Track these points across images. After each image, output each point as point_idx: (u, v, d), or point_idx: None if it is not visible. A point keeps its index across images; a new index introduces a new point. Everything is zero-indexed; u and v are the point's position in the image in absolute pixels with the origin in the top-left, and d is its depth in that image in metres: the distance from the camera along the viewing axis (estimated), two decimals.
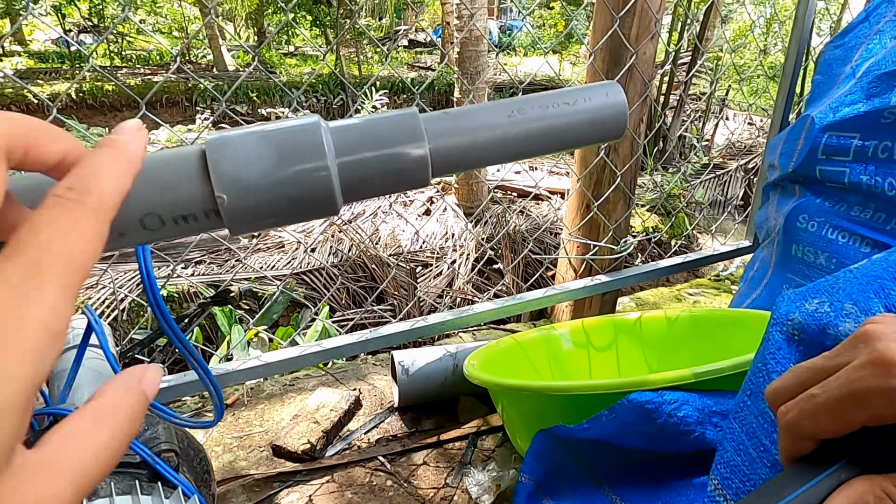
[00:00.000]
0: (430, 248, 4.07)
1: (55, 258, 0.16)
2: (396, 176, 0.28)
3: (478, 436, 1.06)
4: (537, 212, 4.47)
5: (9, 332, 0.14)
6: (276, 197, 0.26)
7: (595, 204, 1.20)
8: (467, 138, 0.29)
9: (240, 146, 0.25)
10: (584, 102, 0.30)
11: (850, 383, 0.28)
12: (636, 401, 0.67)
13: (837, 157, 1.02)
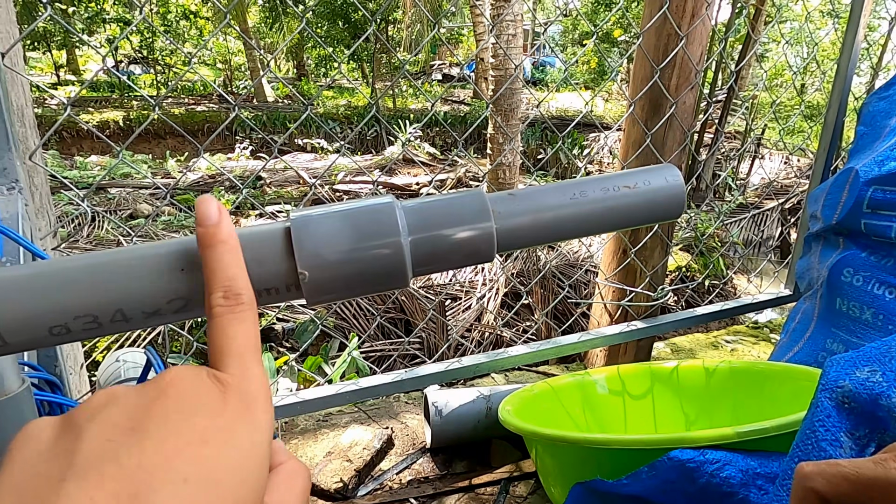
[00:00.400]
0: (459, 281, 4.08)
1: (253, 347, 0.23)
2: (464, 252, 0.29)
3: (510, 481, 1.05)
4: (567, 247, 4.46)
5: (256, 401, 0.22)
6: (353, 272, 0.28)
7: (632, 250, 1.20)
8: (531, 218, 0.30)
9: (322, 224, 0.27)
10: (644, 185, 0.31)
11: (878, 468, 0.29)
12: (677, 458, 0.67)
13: (883, 210, 1.00)
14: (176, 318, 0.27)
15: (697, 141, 6.69)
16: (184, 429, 0.19)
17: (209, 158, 6.99)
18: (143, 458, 0.18)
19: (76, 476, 0.17)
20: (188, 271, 0.26)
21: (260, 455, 0.20)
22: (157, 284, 0.26)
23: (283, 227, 0.27)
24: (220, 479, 0.18)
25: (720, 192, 6.92)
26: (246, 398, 0.21)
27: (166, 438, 0.18)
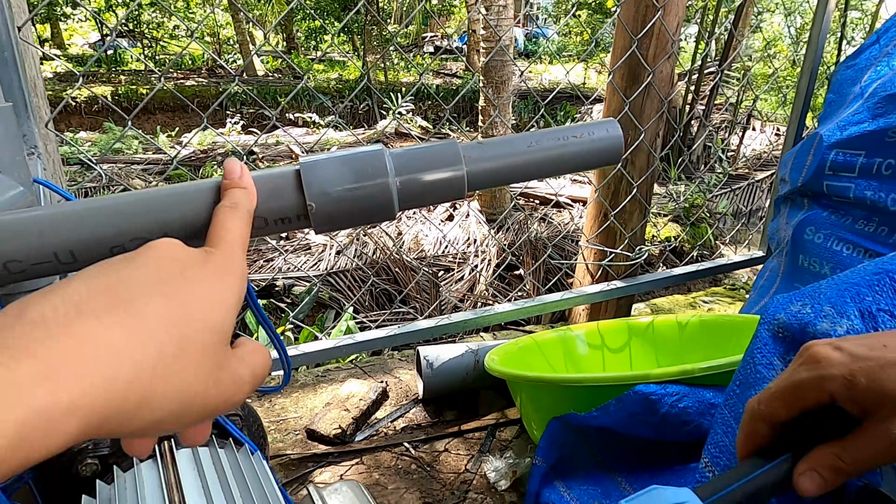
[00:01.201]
0: (452, 252, 4.15)
1: (239, 238, 0.29)
2: (440, 191, 0.36)
3: (496, 427, 1.13)
4: (559, 219, 4.53)
5: (233, 274, 0.27)
6: (351, 205, 0.34)
7: (612, 213, 1.27)
8: (496, 163, 0.37)
9: (326, 166, 0.34)
10: (589, 136, 0.38)
11: (791, 376, 0.36)
12: (641, 392, 0.74)
13: (844, 173, 1.07)
14: None
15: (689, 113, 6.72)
16: (165, 265, 0.24)
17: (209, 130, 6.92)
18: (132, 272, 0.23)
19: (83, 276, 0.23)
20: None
21: (226, 307, 0.25)
22: (196, 212, 0.32)
23: (294, 169, 0.34)
24: (191, 309, 0.23)
25: (710, 164, 6.97)
26: (224, 266, 0.26)
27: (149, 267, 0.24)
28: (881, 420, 0.33)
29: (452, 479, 1.01)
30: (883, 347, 0.35)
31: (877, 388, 0.33)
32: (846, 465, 0.34)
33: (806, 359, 0.37)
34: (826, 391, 0.35)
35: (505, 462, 1.03)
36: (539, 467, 0.82)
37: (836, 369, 0.34)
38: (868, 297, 0.56)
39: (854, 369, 0.34)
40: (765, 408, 0.38)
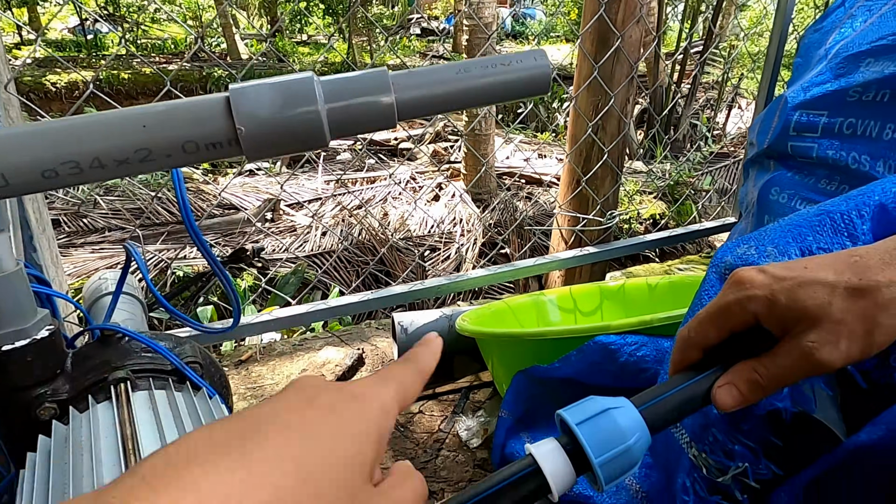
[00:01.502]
0: (438, 232, 4.16)
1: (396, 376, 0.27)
2: (372, 118, 0.37)
3: (470, 390, 1.15)
4: (545, 198, 4.55)
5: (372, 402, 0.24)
6: (281, 131, 0.35)
7: (584, 179, 1.28)
8: (424, 90, 0.37)
9: (255, 92, 0.35)
10: (517, 64, 0.38)
11: (719, 300, 0.38)
12: (601, 342, 0.76)
13: (807, 133, 1.09)
14: (142, 168, 0.35)
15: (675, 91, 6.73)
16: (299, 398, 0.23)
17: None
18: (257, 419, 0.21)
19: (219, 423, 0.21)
20: (149, 128, 0.33)
21: (361, 439, 0.22)
22: (125, 137, 0.33)
23: (224, 95, 0.35)
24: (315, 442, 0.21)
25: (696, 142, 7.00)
26: (364, 394, 0.24)
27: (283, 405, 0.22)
28: (798, 335, 0.35)
29: (426, 439, 1.03)
30: (803, 269, 0.36)
31: (794, 306, 0.35)
32: (763, 379, 0.36)
33: (732, 282, 0.39)
34: (750, 312, 0.37)
35: (477, 421, 1.05)
36: (505, 420, 0.84)
37: (758, 290, 0.36)
38: (809, 237, 0.57)
39: (775, 289, 0.36)
40: (695, 334, 0.39)
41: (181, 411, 0.49)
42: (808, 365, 0.35)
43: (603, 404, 0.36)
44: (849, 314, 0.34)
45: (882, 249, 0.36)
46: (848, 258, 0.36)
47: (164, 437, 0.44)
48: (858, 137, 1.02)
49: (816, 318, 0.34)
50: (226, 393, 0.62)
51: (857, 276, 0.35)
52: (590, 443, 0.33)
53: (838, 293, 0.34)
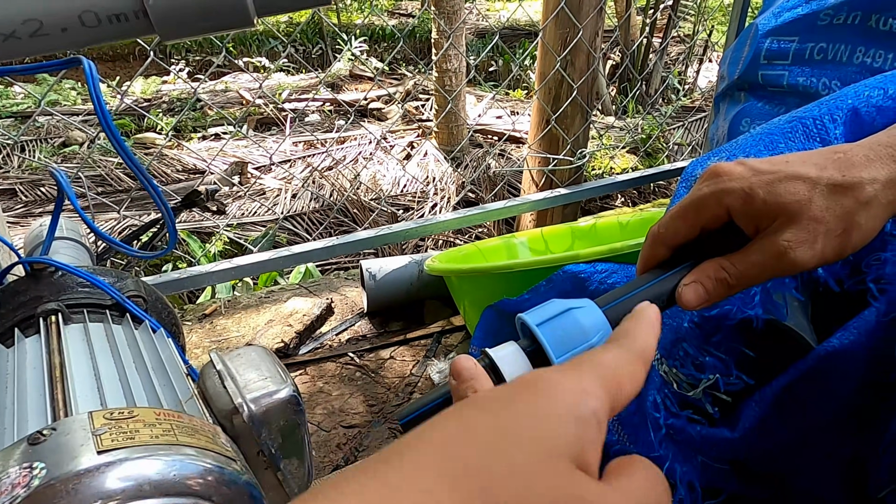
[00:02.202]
0: (411, 191, 4.10)
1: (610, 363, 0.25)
2: None
3: (442, 334, 1.13)
4: (518, 154, 4.50)
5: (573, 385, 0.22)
6: (198, 2, 0.31)
7: (553, 118, 1.25)
8: None
9: None
10: None
11: (692, 193, 0.36)
12: (571, 271, 0.74)
13: (778, 61, 1.06)
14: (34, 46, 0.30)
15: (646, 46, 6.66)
16: None
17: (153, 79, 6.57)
18: None
19: None
20: None
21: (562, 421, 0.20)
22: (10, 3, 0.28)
23: None
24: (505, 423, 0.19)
25: (668, 97, 6.98)
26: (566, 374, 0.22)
27: None
28: (772, 232, 0.33)
29: (397, 383, 1.02)
30: (785, 163, 0.34)
31: (772, 200, 0.33)
32: (731, 277, 0.34)
33: (708, 174, 0.36)
34: (724, 205, 0.34)
35: (449, 363, 1.04)
36: (475, 355, 0.82)
37: (735, 182, 0.34)
38: (781, 144, 0.55)
39: (753, 182, 0.33)
40: (664, 229, 0.37)
41: (118, 342, 0.45)
42: (781, 264, 0.33)
43: (564, 305, 0.33)
44: (828, 212, 0.32)
45: (867, 146, 0.34)
46: (832, 154, 0.34)
47: (98, 368, 0.41)
48: (829, 62, 1.00)
49: (795, 214, 0.32)
50: (175, 331, 0.58)
51: (841, 171, 0.33)
52: (550, 342, 0.31)
53: (819, 189, 0.33)
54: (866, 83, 0.58)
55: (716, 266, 0.34)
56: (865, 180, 0.32)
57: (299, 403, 0.44)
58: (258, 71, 7.68)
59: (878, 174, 0.33)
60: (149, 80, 7.07)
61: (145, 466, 0.31)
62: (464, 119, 4.52)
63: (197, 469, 0.32)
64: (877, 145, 0.34)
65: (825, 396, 0.49)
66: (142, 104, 5.67)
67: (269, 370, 0.44)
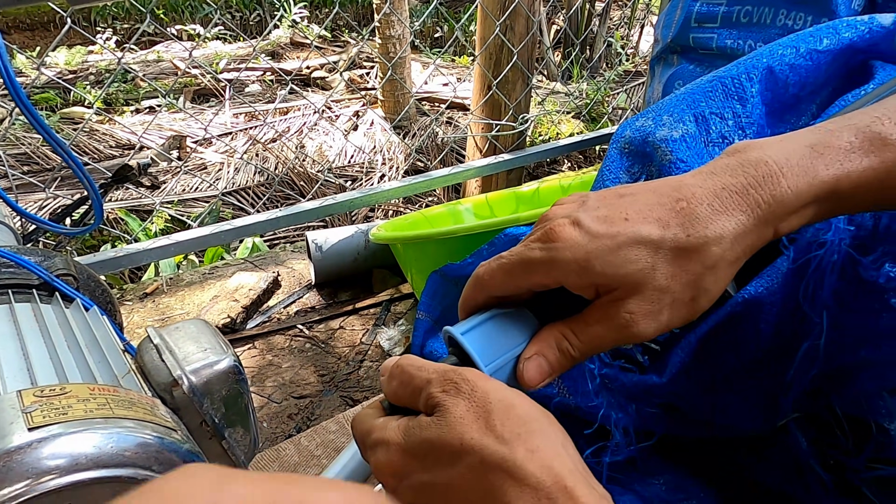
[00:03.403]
0: (359, 162, 4.04)
1: None
2: None
3: (391, 302, 1.14)
4: (465, 122, 4.49)
5: None
6: None
7: (494, 83, 1.25)
8: None
9: None
10: None
11: (522, 252, 0.32)
12: (511, 234, 0.76)
13: (707, 24, 1.10)
14: None
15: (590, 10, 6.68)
16: None
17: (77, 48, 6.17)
18: None
19: None
20: None
21: None
22: None
23: None
24: None
25: (612, 61, 7.06)
26: None
27: None
28: (614, 302, 0.31)
29: (348, 352, 1.02)
30: (624, 221, 0.31)
31: (611, 272, 0.30)
32: (573, 348, 0.32)
33: (542, 235, 0.32)
34: (553, 277, 0.32)
35: (398, 330, 1.05)
36: (423, 321, 0.84)
37: (569, 252, 0.30)
38: (702, 103, 0.58)
39: (589, 251, 0.30)
40: (489, 279, 0.34)
41: (48, 321, 0.44)
42: (624, 337, 0.31)
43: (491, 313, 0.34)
44: (674, 280, 0.30)
45: (711, 191, 0.30)
46: (675, 203, 0.30)
47: (27, 348, 0.40)
48: (754, 25, 1.04)
49: (637, 284, 0.30)
50: (111, 309, 0.57)
51: (685, 230, 0.30)
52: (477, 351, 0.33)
53: (663, 254, 0.30)
54: (780, 42, 0.61)
55: (557, 336, 0.32)
56: (711, 239, 0.29)
57: (240, 373, 0.44)
58: (192, 39, 7.32)
59: (724, 230, 0.30)
60: (73, 49, 6.64)
61: (80, 441, 0.31)
62: (409, 87, 4.46)
63: (135, 440, 0.32)
64: (722, 191, 0.30)
65: (742, 341, 0.53)
66: (66, 76, 5.33)
67: (208, 342, 0.44)
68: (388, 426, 0.31)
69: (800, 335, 0.52)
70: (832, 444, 0.52)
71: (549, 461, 0.27)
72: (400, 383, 0.32)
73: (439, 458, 0.28)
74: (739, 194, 0.30)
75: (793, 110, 0.62)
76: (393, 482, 0.30)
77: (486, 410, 0.28)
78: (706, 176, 0.31)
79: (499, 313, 0.34)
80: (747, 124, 0.56)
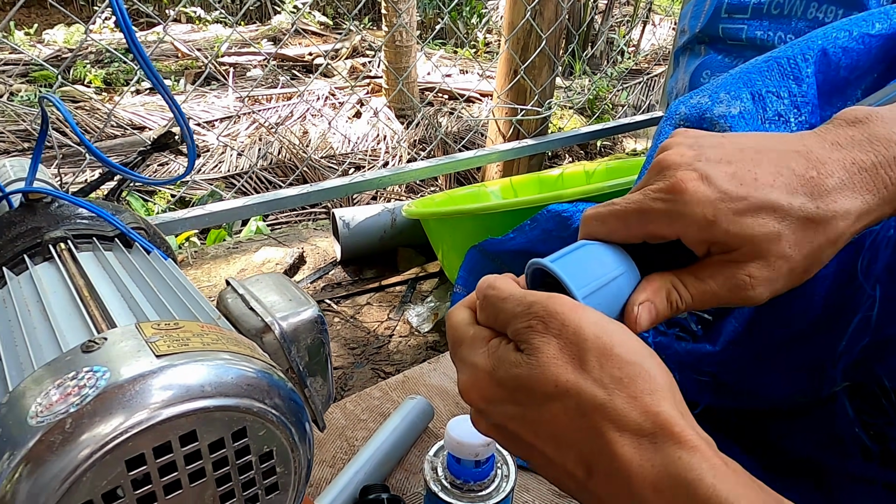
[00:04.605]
0: (362, 150, 4.04)
1: None
2: None
3: (416, 280, 1.16)
4: (469, 113, 4.49)
5: None
6: None
7: (522, 68, 1.26)
8: None
9: None
10: None
11: (642, 201, 0.31)
12: (554, 210, 0.77)
13: (737, 14, 1.12)
14: None
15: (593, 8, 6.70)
16: None
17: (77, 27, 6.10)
18: None
19: None
20: None
21: None
22: None
23: None
24: None
25: (613, 58, 7.08)
26: None
27: None
28: (733, 262, 0.30)
29: (376, 327, 1.04)
30: (754, 181, 0.30)
31: (739, 232, 0.29)
32: (681, 299, 0.32)
33: (667, 186, 0.31)
34: (675, 230, 0.31)
35: (427, 307, 1.06)
36: (459, 294, 0.85)
37: (697, 208, 0.29)
38: (759, 82, 0.59)
39: (719, 209, 0.29)
40: (598, 223, 0.33)
41: (139, 267, 0.45)
42: (737, 298, 0.31)
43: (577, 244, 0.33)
44: (797, 249, 0.29)
45: (840, 164, 0.30)
46: (805, 170, 0.30)
47: (126, 289, 0.41)
48: (785, 17, 1.06)
49: (761, 250, 0.29)
50: (175, 259, 0.58)
51: (814, 201, 0.29)
52: (569, 276, 0.30)
53: (789, 222, 0.29)
54: (833, 25, 0.63)
55: (668, 286, 0.32)
56: (839, 214, 0.29)
57: (323, 323, 0.45)
58: (192, 22, 7.25)
59: (851, 206, 0.29)
60: (71, 28, 6.56)
61: (204, 369, 0.32)
62: (414, 77, 4.46)
63: (250, 374, 0.34)
64: (852, 166, 0.30)
65: (795, 312, 0.55)
66: (65, 55, 5.27)
67: (290, 293, 0.45)
68: (477, 348, 0.30)
69: (848, 307, 0.54)
70: (875, 414, 0.54)
71: (653, 407, 0.26)
72: (486, 315, 0.31)
73: (531, 396, 0.28)
74: (869, 172, 0.29)
75: (840, 94, 0.63)
76: (479, 404, 0.30)
77: (580, 349, 0.27)
78: (832, 145, 0.30)
79: (588, 244, 0.32)
80: (802, 103, 0.58)
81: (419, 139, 4.15)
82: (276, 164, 3.75)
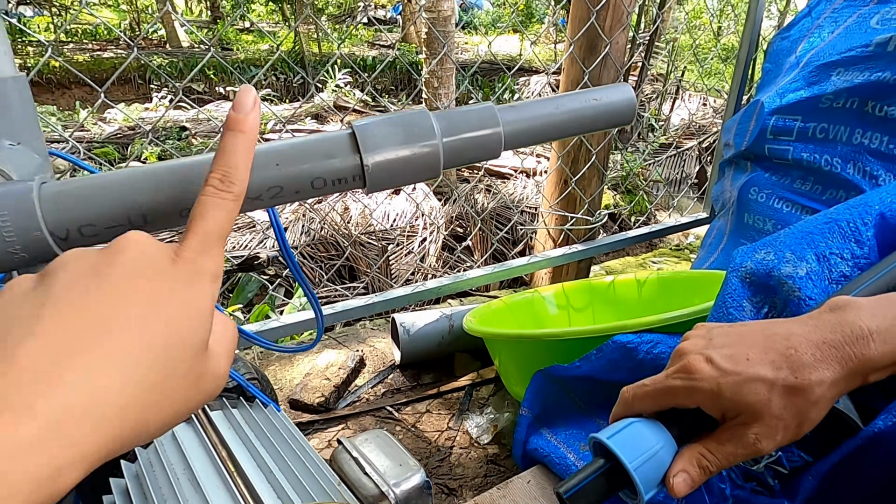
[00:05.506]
0: (401, 226, 4.16)
1: (217, 231, 0.26)
2: (481, 149, 0.39)
3: (473, 387, 1.19)
4: (504, 190, 4.61)
5: (202, 277, 0.25)
6: (403, 164, 0.37)
7: (573, 180, 1.33)
8: (527, 124, 0.40)
9: (379, 128, 0.36)
10: (606, 98, 0.41)
11: (666, 382, 0.41)
12: (619, 341, 0.81)
13: (783, 136, 1.17)
14: (271, 203, 0.36)
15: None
16: (135, 283, 0.23)
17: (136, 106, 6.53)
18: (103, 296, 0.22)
19: (51, 302, 0.22)
20: (282, 166, 0.34)
21: (202, 317, 0.24)
22: (259, 175, 0.34)
23: (348, 132, 0.36)
24: (169, 330, 0.23)
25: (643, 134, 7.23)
26: (195, 269, 0.25)
27: (119, 288, 0.22)
28: (741, 425, 0.39)
29: (437, 437, 1.06)
30: (746, 361, 0.39)
31: (739, 400, 0.38)
32: (711, 465, 0.39)
33: (681, 368, 0.41)
34: (694, 401, 0.40)
35: (485, 417, 1.09)
36: (525, 417, 0.88)
37: (705, 383, 0.39)
38: (822, 243, 0.63)
39: (721, 383, 0.39)
40: (637, 402, 0.43)
41: (263, 429, 0.49)
42: (751, 452, 0.39)
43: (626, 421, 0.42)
44: (786, 411, 0.38)
45: (814, 343, 0.39)
46: (786, 349, 0.39)
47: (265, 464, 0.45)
48: (830, 141, 1.11)
49: (758, 413, 0.38)
50: (273, 397, 0.63)
51: (794, 373, 0.38)
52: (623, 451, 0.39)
53: (777, 391, 0.38)
54: (887, 189, 0.67)
55: (697, 456, 0.40)
56: (814, 382, 0.37)
57: (429, 487, 0.49)
58: None
59: (824, 376, 0.37)
60: (130, 107, 7.03)
61: None
62: None
63: None
64: (823, 344, 0.38)
65: (872, 471, 0.56)
66: (126, 132, 5.64)
67: (398, 456, 0.49)
68: None
69: None
70: None
71: None
72: None
73: None
74: (836, 349, 0.38)
75: None
76: None
77: None
78: (811, 328, 0.39)
79: (634, 422, 0.41)
80: (865, 265, 0.62)
81: (455, 215, 4.26)
82: (318, 239, 3.88)
